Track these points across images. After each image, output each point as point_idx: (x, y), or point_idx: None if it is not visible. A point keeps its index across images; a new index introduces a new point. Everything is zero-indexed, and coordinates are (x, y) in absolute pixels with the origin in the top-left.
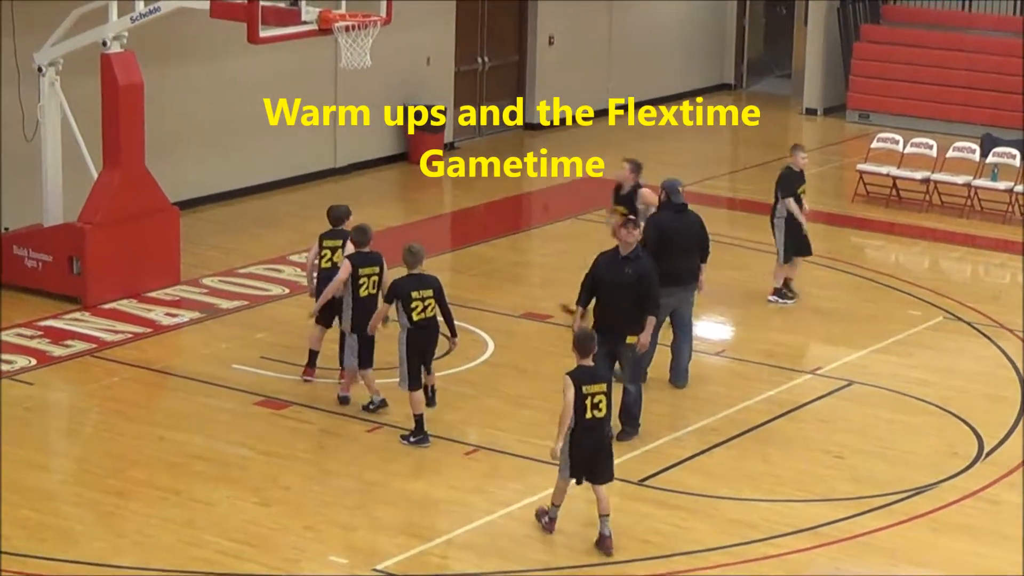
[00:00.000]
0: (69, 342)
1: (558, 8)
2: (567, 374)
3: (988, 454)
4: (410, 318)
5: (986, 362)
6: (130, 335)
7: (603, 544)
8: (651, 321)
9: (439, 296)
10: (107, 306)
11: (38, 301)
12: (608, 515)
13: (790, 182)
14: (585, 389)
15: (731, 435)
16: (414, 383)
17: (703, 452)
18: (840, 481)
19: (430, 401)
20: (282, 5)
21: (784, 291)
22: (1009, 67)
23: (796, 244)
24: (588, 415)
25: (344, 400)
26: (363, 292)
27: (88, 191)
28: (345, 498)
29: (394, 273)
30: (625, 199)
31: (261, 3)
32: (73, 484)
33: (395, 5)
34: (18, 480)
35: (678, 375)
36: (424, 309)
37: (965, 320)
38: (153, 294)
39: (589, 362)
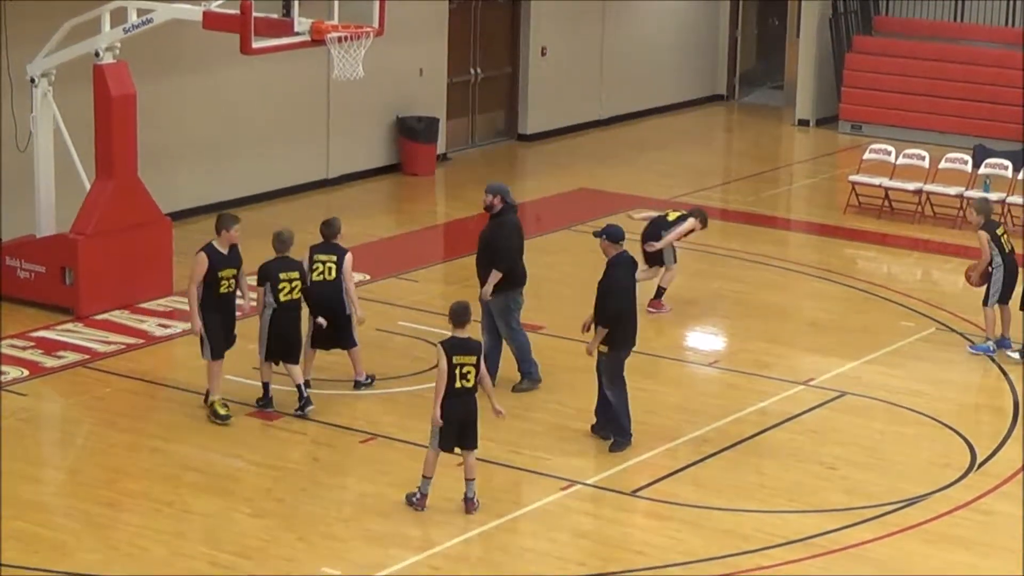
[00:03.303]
0: (62, 353)
1: (551, 19)
2: (439, 343)
3: (980, 465)
4: (277, 299)
5: (978, 373)
6: (123, 346)
7: (467, 506)
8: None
9: (304, 279)
10: (100, 317)
11: (31, 312)
12: (474, 479)
13: None
14: (455, 359)
15: (724, 446)
16: (269, 356)
17: (695, 463)
18: (832, 492)
19: (306, 402)
20: (275, 16)
21: None
22: (1001, 78)
23: None
24: (457, 384)
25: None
26: (316, 276)
27: (81, 202)
28: (338, 509)
29: (390, 284)
30: None
31: (254, 14)
32: (65, 495)
33: (388, 16)
34: (11, 491)
35: (530, 373)
36: (291, 291)
37: (958, 331)
38: (146, 305)
39: (463, 333)
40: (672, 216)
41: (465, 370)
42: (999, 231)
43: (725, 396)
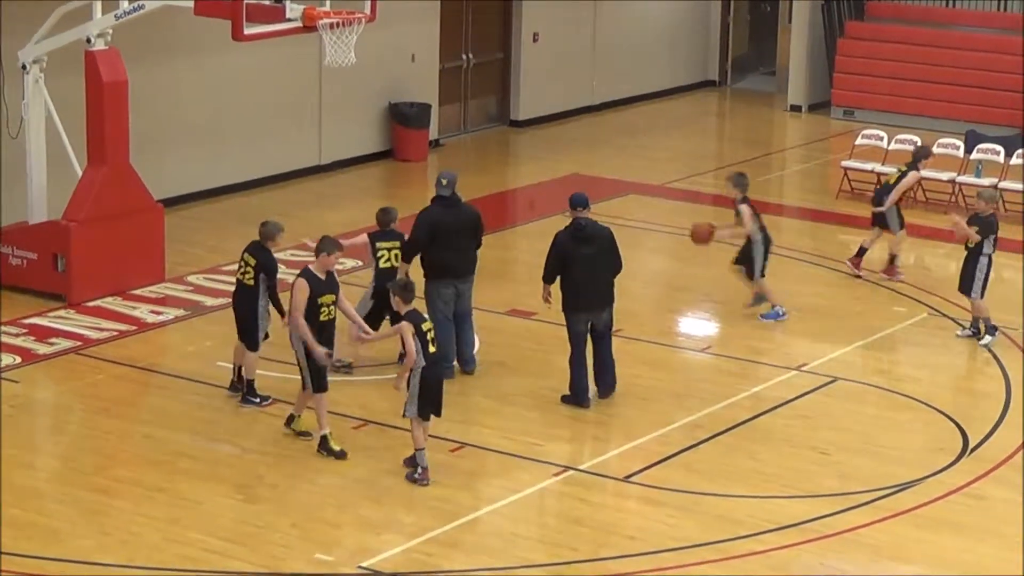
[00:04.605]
0: (54, 340)
1: (542, 5)
2: (403, 319)
3: (973, 450)
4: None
5: (971, 358)
6: (115, 333)
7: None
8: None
9: (259, 267)
10: (92, 304)
11: (23, 299)
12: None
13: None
14: (423, 327)
15: (716, 431)
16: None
17: (688, 448)
18: (825, 477)
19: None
20: (266, 2)
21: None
22: (993, 63)
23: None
24: (431, 349)
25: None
26: (383, 264)
27: (73, 189)
28: (331, 495)
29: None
30: None
31: (245, 0)
32: (58, 482)
33: (380, 2)
34: (4, 478)
35: (465, 362)
36: (243, 274)
37: (950, 316)
38: (138, 292)
39: (411, 307)
40: (893, 178)
41: (432, 335)
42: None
43: (718, 381)
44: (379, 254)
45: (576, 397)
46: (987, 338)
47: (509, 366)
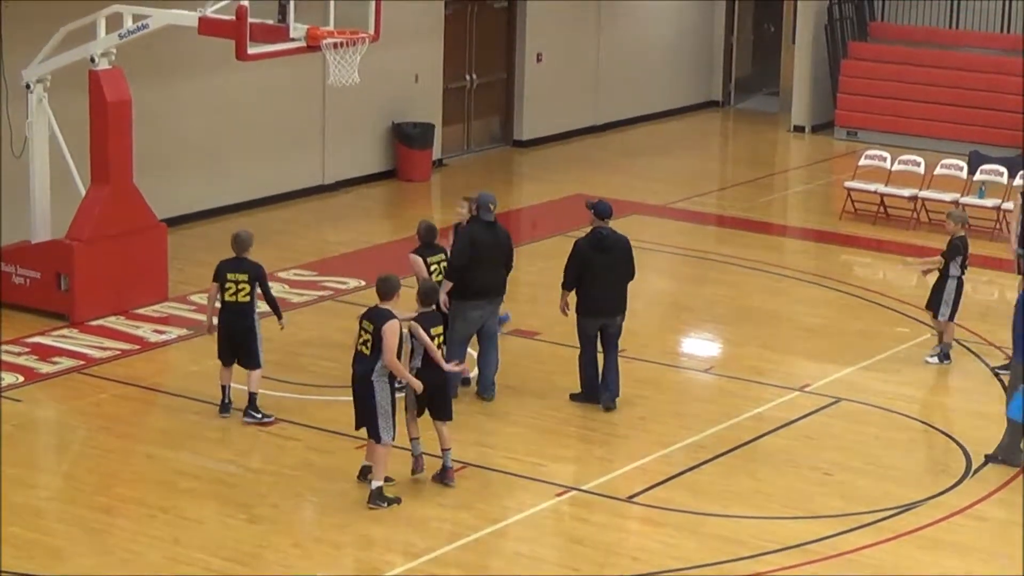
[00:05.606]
0: (57, 359)
1: (546, 26)
2: (412, 320)
3: (976, 471)
4: (222, 298)
5: (974, 379)
6: (118, 352)
7: (445, 476)
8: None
9: (257, 282)
10: (95, 323)
11: (26, 318)
12: (450, 449)
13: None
14: (432, 331)
15: (719, 452)
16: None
17: (691, 469)
18: (828, 498)
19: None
20: (270, 22)
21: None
22: (996, 84)
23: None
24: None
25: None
26: (436, 277)
27: (76, 208)
28: (333, 515)
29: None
30: None
31: (249, 20)
32: (60, 501)
33: (384, 22)
34: (5, 497)
35: (484, 387)
36: (236, 292)
37: (954, 338)
38: (141, 311)
39: (428, 310)
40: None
41: (440, 341)
42: None
43: (720, 402)
44: (431, 268)
45: (587, 394)
46: (935, 360)
47: (512, 386)
